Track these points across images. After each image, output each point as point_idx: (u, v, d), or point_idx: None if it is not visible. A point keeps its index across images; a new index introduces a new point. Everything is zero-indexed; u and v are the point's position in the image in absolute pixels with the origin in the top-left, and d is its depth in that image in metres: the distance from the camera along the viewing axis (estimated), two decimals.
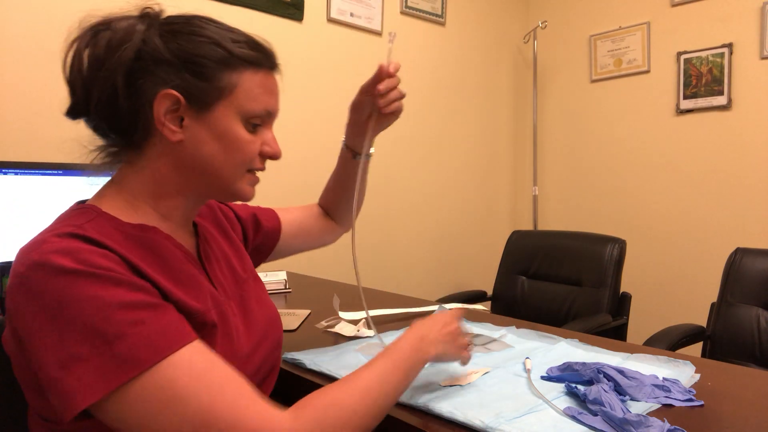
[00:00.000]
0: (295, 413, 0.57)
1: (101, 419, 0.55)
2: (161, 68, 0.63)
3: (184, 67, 0.63)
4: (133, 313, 0.55)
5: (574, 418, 0.70)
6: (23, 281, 0.55)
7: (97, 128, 0.67)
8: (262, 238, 0.97)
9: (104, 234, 0.60)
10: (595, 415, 0.70)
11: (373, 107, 0.88)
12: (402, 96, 0.88)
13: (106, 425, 0.55)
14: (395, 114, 0.90)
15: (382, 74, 0.85)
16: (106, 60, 0.62)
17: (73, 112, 0.66)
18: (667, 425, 0.65)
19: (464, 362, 0.83)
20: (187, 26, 0.65)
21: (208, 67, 0.64)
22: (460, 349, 0.80)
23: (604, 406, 0.70)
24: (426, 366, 0.76)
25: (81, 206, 0.65)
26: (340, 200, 1.05)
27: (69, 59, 0.64)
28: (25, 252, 0.57)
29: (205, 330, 0.65)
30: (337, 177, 1.03)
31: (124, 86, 0.62)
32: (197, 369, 0.55)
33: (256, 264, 0.95)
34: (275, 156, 0.71)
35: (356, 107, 0.92)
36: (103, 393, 0.52)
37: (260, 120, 0.69)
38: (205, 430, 0.53)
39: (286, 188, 2.19)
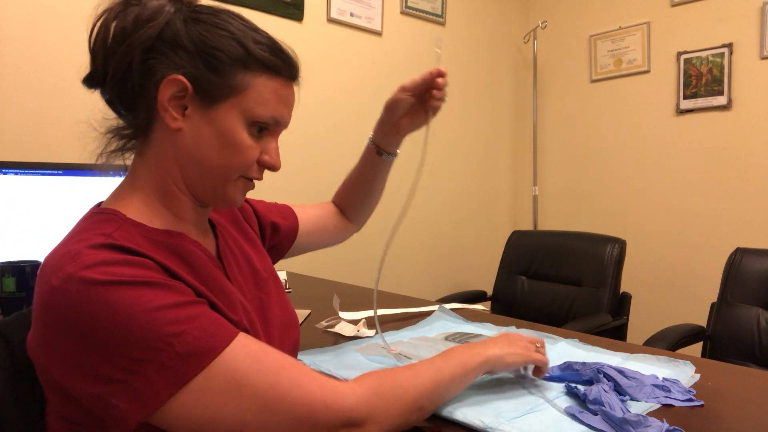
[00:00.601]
0: (356, 382, 0.62)
1: (158, 424, 0.54)
2: (177, 53, 0.62)
3: (199, 56, 0.62)
4: (186, 310, 0.55)
5: (574, 417, 0.70)
6: (59, 295, 0.52)
7: (110, 102, 0.67)
8: (280, 237, 0.95)
9: (134, 242, 0.59)
10: (595, 414, 0.70)
11: (427, 106, 0.91)
12: (445, 99, 0.91)
13: (160, 429, 0.55)
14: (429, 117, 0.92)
15: (434, 75, 0.88)
16: (130, 34, 0.61)
17: (90, 81, 0.65)
18: (666, 425, 0.65)
19: (541, 365, 0.80)
20: (213, 17, 0.65)
21: (223, 62, 0.63)
22: (528, 349, 0.78)
23: (604, 406, 0.70)
24: (497, 375, 0.81)
25: (103, 211, 0.64)
26: (359, 198, 1.05)
27: (96, 28, 0.63)
28: (57, 265, 0.54)
29: None
30: (358, 174, 1.02)
31: (139, 63, 0.62)
32: (254, 354, 0.57)
33: (272, 262, 0.94)
34: (273, 167, 0.69)
35: (392, 106, 0.92)
36: (173, 391, 0.52)
37: (266, 126, 0.67)
38: (270, 411, 0.55)
39: (284, 187, 2.19)
